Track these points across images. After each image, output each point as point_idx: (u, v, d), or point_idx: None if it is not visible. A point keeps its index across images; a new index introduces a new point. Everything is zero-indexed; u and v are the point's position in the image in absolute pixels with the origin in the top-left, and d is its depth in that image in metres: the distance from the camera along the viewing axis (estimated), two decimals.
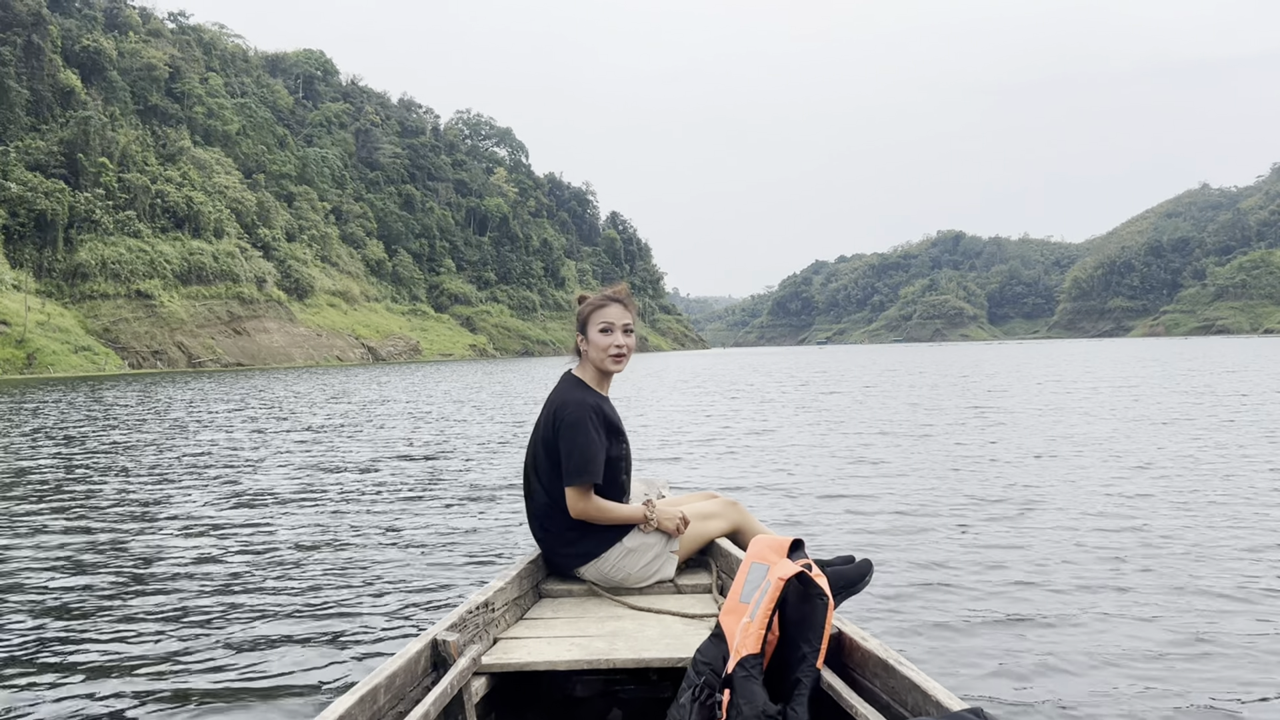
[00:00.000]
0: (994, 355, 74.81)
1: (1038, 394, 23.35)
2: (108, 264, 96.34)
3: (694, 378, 41.49)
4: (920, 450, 11.89)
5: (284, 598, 5.27)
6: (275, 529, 7.39)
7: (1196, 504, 7.66)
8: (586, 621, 3.36)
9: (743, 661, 2.42)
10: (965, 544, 6.23)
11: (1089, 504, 7.69)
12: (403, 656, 2.48)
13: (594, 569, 3.82)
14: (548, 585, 3.83)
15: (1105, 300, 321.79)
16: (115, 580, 5.79)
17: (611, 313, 3.88)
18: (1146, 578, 5.30)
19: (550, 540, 3.88)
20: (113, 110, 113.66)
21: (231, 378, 58.76)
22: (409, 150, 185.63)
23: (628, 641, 3.05)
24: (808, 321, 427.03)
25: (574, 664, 2.87)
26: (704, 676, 2.49)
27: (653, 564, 3.82)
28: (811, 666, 2.40)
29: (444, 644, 2.62)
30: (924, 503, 7.92)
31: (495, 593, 3.20)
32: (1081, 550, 6.00)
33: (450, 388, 35.90)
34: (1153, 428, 14.14)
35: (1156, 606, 4.76)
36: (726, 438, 14.28)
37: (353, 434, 16.28)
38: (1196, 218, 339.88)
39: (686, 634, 3.11)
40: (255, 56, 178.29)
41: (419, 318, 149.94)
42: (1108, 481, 8.92)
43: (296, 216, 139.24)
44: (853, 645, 2.55)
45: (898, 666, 2.30)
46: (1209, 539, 6.32)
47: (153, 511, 8.39)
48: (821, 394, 26.49)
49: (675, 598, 3.70)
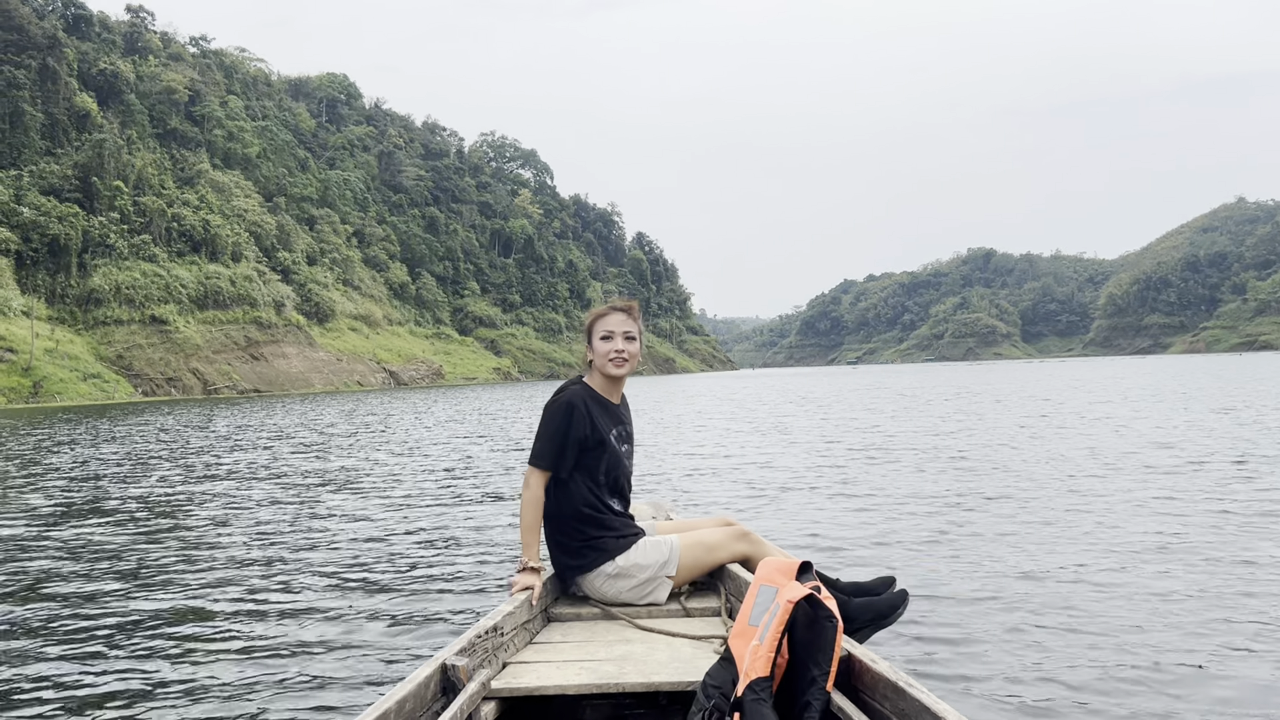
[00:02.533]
0: (1054, 375, 70.70)
1: (1173, 424, 19.65)
2: (122, 289, 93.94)
3: (723, 407, 37.22)
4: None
5: (294, 620, 5.32)
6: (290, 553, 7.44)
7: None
8: (595, 645, 3.35)
9: (752, 685, 2.43)
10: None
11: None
12: (412, 681, 2.49)
13: (589, 583, 3.89)
14: (556, 609, 3.84)
15: (1141, 317, 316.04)
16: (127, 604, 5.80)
17: (613, 321, 4.04)
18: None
19: (555, 548, 3.98)
20: (130, 134, 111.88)
21: (247, 404, 55.77)
22: (433, 172, 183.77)
23: (637, 665, 3.03)
24: (837, 341, 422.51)
25: (583, 688, 2.85)
26: (713, 700, 2.50)
27: (643, 587, 3.85)
28: (821, 689, 2.40)
29: (453, 669, 2.63)
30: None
31: (504, 617, 3.22)
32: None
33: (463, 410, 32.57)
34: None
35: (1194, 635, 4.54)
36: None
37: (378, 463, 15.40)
38: (1234, 232, 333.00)
39: (696, 657, 3.09)
40: (278, 81, 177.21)
41: (442, 341, 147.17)
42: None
43: (318, 239, 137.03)
44: (863, 668, 2.54)
45: (908, 689, 2.29)
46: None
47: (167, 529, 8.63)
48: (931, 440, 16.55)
49: (684, 620, 3.69)
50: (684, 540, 3.97)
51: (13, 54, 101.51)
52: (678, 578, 3.91)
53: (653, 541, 3.96)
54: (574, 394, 3.97)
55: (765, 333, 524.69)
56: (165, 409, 50.76)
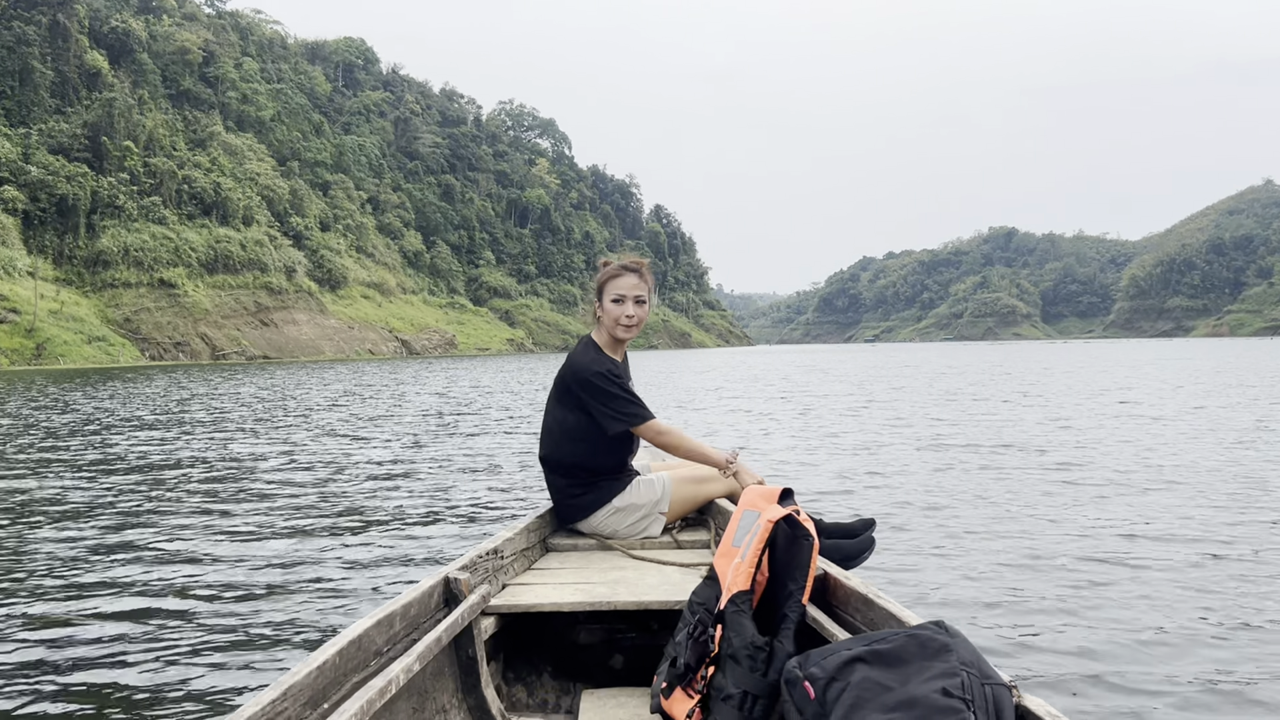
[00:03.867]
0: (1098, 358, 68.44)
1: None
2: (130, 251, 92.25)
3: (746, 391, 34.62)
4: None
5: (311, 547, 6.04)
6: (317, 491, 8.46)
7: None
8: (590, 571, 3.52)
9: (734, 598, 2.58)
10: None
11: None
12: (418, 589, 2.65)
13: (588, 524, 4.06)
14: (554, 540, 4.02)
15: (1164, 299, 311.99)
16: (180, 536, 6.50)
17: (626, 283, 4.06)
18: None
19: (560, 492, 4.11)
20: (141, 94, 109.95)
21: (257, 370, 54.08)
22: (449, 140, 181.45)
23: (629, 588, 3.20)
24: (855, 319, 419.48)
25: (577, 605, 3.02)
26: (698, 615, 2.67)
27: (639, 524, 4.04)
28: (797, 602, 2.55)
29: (456, 581, 2.78)
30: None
31: (504, 541, 3.39)
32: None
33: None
34: None
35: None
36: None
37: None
38: (1260, 215, 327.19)
39: (684, 581, 3.26)
40: (294, 44, 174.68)
41: (456, 311, 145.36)
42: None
43: (331, 205, 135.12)
44: (836, 584, 2.72)
45: (876, 600, 2.45)
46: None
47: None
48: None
49: (675, 551, 3.90)
50: (675, 477, 4.15)
51: (23, 9, 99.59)
52: (670, 513, 4.11)
53: (646, 480, 4.11)
54: (598, 361, 4.03)
55: (782, 309, 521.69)
56: (170, 373, 49.12)
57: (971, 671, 1.78)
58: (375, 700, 2.05)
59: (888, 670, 1.88)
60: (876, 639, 2.00)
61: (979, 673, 1.78)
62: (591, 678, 3.20)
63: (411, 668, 2.29)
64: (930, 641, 1.91)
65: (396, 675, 2.18)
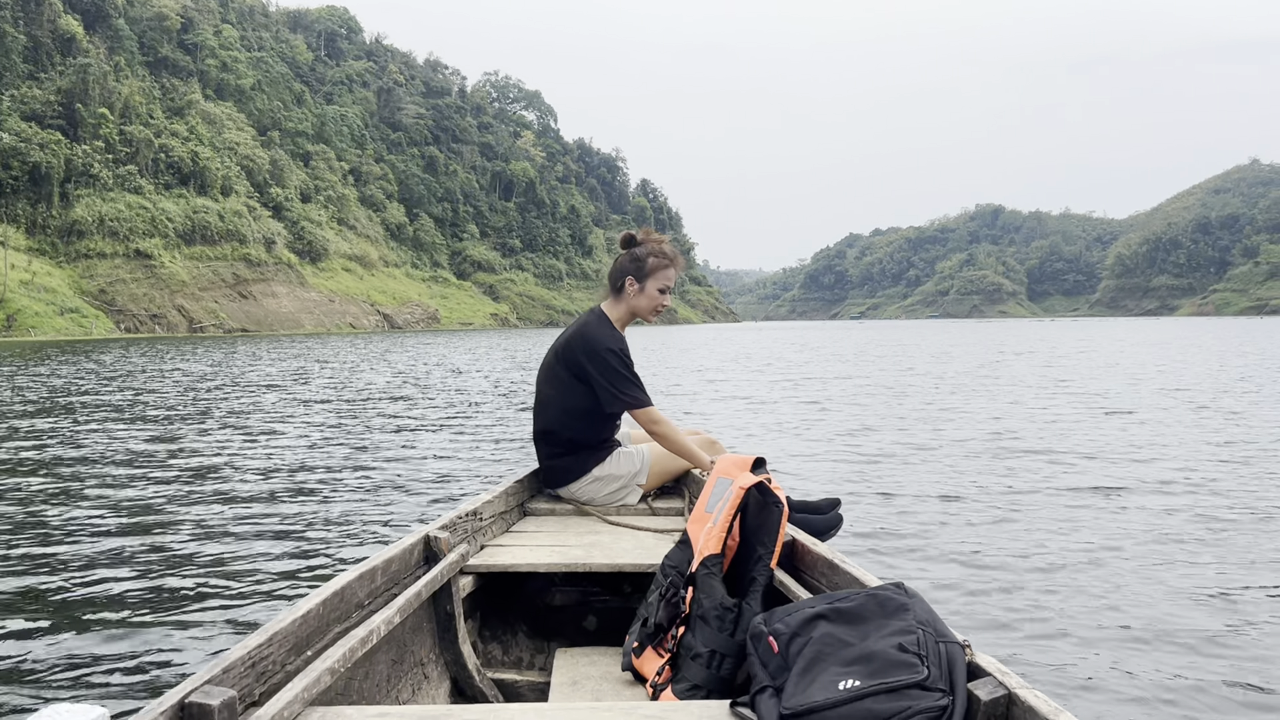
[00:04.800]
0: (1097, 336, 67.80)
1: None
2: (105, 221, 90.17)
3: (736, 374, 33.61)
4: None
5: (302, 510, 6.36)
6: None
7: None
8: (567, 535, 3.59)
9: (705, 561, 2.67)
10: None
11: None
12: (399, 546, 2.72)
13: (568, 490, 4.13)
14: (533, 504, 4.09)
15: (1150, 278, 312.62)
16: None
17: (671, 275, 4.13)
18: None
19: (545, 454, 4.17)
20: (118, 60, 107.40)
21: (229, 343, 52.66)
22: (433, 111, 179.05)
23: (604, 551, 3.27)
24: (841, 296, 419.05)
25: (553, 567, 3.10)
26: (670, 577, 2.76)
27: (617, 493, 4.10)
28: (766, 566, 2.64)
29: (436, 540, 2.84)
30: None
31: (483, 504, 3.45)
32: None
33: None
34: None
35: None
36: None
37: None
38: (1246, 194, 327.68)
39: (658, 545, 3.33)
40: (276, 12, 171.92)
41: (439, 285, 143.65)
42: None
43: (313, 176, 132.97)
44: (803, 549, 2.80)
45: (841, 564, 2.53)
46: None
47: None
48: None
49: (650, 517, 3.97)
50: (654, 450, 4.19)
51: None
52: (647, 484, 4.18)
53: (626, 452, 4.18)
54: (615, 338, 4.07)
55: (768, 285, 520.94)
56: (137, 346, 47.70)
57: (927, 629, 1.86)
58: (357, 649, 2.13)
59: (848, 626, 1.97)
60: (838, 598, 2.09)
61: (934, 631, 1.86)
62: (565, 637, 3.27)
63: (392, 620, 2.37)
64: (889, 601, 2.00)
65: (378, 626, 2.27)
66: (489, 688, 2.98)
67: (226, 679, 1.74)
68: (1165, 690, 3.37)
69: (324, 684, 1.96)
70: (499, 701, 2.98)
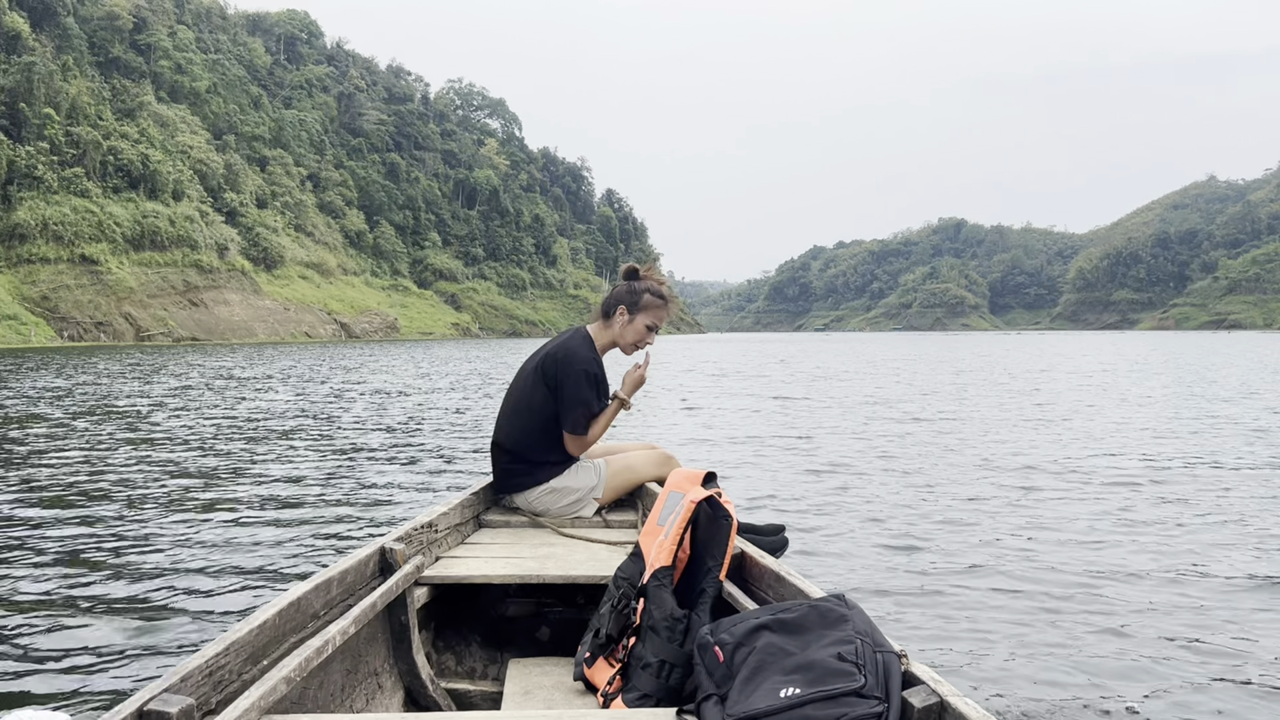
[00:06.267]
0: (1066, 349, 66.57)
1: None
2: (49, 225, 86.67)
3: (712, 400, 31.66)
4: None
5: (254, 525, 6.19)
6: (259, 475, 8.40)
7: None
8: (521, 546, 3.62)
9: (655, 573, 2.72)
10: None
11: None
12: (354, 557, 2.74)
13: (524, 499, 4.16)
14: (488, 516, 4.10)
15: (1110, 292, 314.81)
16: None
17: (663, 315, 4.27)
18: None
19: (503, 460, 4.20)
20: (65, 60, 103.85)
21: (174, 352, 49.92)
22: (395, 117, 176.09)
23: (557, 563, 3.32)
24: (805, 308, 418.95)
25: (507, 578, 3.14)
26: (622, 589, 2.81)
27: (572, 505, 4.16)
28: (715, 578, 2.70)
29: (391, 552, 2.86)
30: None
31: (439, 516, 3.48)
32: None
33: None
34: None
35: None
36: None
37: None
38: (1204, 210, 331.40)
39: (611, 558, 3.38)
40: (234, 15, 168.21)
41: (400, 293, 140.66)
42: None
43: (269, 181, 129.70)
44: (752, 562, 2.86)
45: (788, 577, 2.60)
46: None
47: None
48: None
49: (604, 530, 4.01)
50: (611, 465, 4.25)
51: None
52: (603, 499, 4.21)
53: (584, 466, 4.22)
54: (594, 362, 4.17)
55: (733, 297, 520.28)
56: (68, 355, 44.95)
57: (865, 640, 1.92)
58: (312, 659, 2.16)
59: (790, 637, 2.04)
60: (782, 609, 2.16)
61: (872, 641, 1.92)
62: (519, 648, 3.29)
63: (347, 630, 2.40)
64: (830, 612, 2.06)
65: (333, 637, 2.29)
66: (442, 697, 2.99)
67: (184, 687, 1.77)
68: (1100, 698, 3.37)
69: (280, 693, 1.98)
70: (452, 710, 3.01)
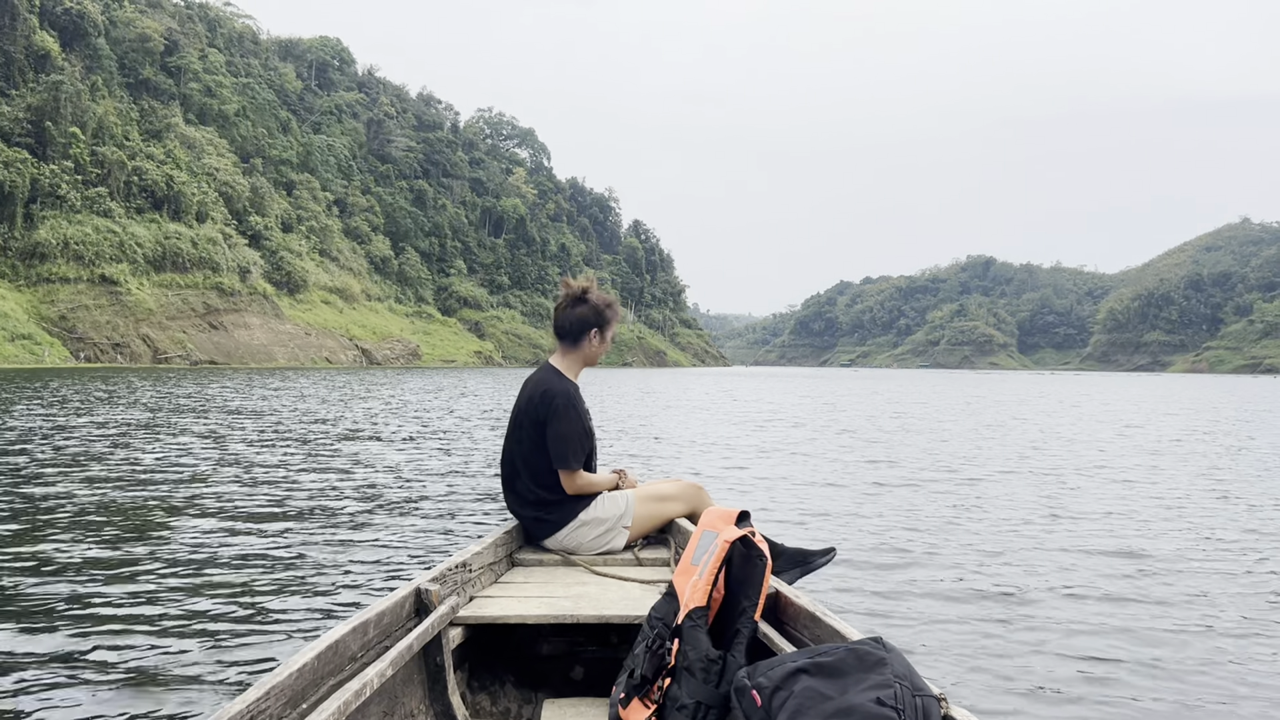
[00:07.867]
0: (1109, 393, 64.03)
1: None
2: (70, 244, 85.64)
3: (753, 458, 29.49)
4: None
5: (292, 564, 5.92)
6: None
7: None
8: (554, 585, 3.63)
9: (690, 613, 2.72)
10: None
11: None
12: (391, 599, 2.78)
13: (555, 540, 4.18)
14: (521, 555, 4.11)
15: (1141, 333, 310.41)
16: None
17: (617, 323, 4.45)
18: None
19: (527, 512, 4.21)
20: (95, 79, 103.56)
21: (190, 376, 48.24)
22: (424, 144, 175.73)
23: (591, 602, 3.32)
24: (831, 342, 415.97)
25: (541, 618, 3.14)
26: (656, 629, 2.80)
27: (603, 537, 4.16)
28: (750, 618, 2.69)
29: (426, 593, 2.89)
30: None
31: (473, 555, 3.51)
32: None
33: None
34: None
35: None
36: None
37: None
38: (1238, 252, 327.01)
39: (644, 597, 3.39)
40: (267, 40, 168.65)
41: (423, 320, 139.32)
42: None
43: (295, 206, 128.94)
44: (787, 602, 2.86)
45: (823, 618, 2.59)
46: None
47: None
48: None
49: (636, 568, 4.02)
50: (638, 494, 4.28)
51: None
52: (634, 528, 4.20)
53: (610, 496, 4.25)
54: (572, 392, 4.22)
55: (758, 330, 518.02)
56: (80, 377, 43.31)
57: (904, 683, 1.90)
58: (350, 702, 2.17)
59: (828, 680, 2.02)
60: (820, 652, 2.14)
61: (911, 685, 1.90)
62: (553, 688, 3.29)
63: (385, 673, 2.41)
64: (868, 655, 2.04)
65: (371, 680, 2.31)
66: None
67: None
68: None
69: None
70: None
